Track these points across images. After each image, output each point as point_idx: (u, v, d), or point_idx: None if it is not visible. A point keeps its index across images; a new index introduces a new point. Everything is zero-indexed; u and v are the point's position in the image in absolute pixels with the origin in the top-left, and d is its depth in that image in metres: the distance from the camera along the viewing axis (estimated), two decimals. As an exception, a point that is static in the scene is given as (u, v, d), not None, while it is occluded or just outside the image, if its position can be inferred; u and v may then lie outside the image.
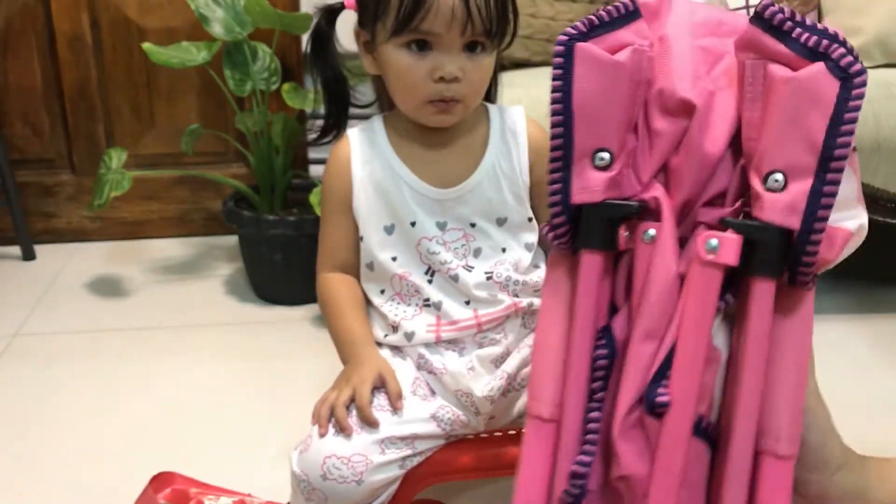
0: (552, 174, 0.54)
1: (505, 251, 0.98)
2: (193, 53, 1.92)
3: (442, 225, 0.96)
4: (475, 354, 0.96)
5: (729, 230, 0.51)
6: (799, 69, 0.50)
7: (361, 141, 0.98)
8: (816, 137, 0.49)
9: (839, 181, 0.49)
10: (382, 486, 0.88)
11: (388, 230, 0.97)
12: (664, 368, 0.51)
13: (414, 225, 0.96)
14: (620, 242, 0.54)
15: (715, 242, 0.50)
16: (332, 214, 1.00)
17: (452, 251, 0.96)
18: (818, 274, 0.53)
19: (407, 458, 0.90)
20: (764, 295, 0.51)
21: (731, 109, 0.53)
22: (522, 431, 0.97)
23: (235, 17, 1.87)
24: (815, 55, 0.49)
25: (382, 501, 0.90)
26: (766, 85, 0.51)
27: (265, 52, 1.95)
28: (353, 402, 0.90)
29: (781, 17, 0.50)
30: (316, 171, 2.23)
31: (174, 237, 2.40)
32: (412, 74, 0.89)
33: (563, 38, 0.53)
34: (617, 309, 0.55)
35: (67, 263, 2.24)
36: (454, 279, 0.96)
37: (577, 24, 0.54)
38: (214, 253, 2.30)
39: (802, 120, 0.49)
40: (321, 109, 1.05)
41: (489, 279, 0.96)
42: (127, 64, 2.25)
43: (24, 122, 2.27)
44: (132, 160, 2.15)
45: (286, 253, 1.92)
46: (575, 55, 0.53)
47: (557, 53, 0.53)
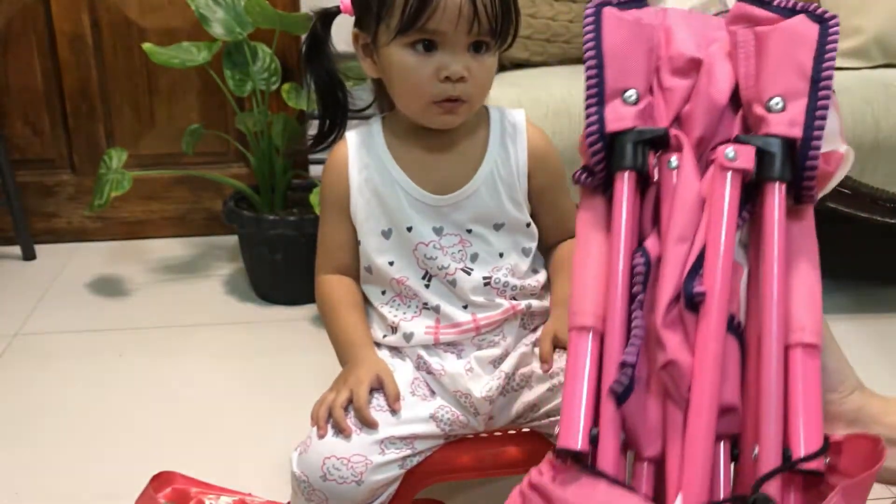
0: (588, 110, 0.63)
1: (502, 256, 0.98)
2: (194, 54, 1.92)
3: (438, 230, 0.96)
4: (473, 356, 0.96)
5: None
6: None
7: (359, 144, 0.98)
8: (805, 66, 0.60)
9: (829, 98, 0.59)
10: (382, 486, 0.89)
11: (385, 234, 0.97)
12: (697, 266, 0.59)
13: (410, 230, 0.95)
14: (649, 167, 0.63)
15: (733, 152, 0.59)
16: (330, 217, 1.00)
17: (450, 256, 0.96)
18: (817, 196, 0.62)
19: (406, 457, 0.90)
20: (777, 196, 0.60)
21: (728, 72, 0.64)
22: (522, 431, 0.98)
23: (236, 17, 1.87)
24: (793, 12, 0.62)
25: (382, 501, 0.90)
26: (756, 42, 0.62)
27: (265, 52, 1.96)
28: (350, 403, 0.90)
29: None
30: (316, 170, 2.23)
31: (174, 237, 2.40)
32: (417, 75, 0.88)
33: (590, 5, 0.63)
34: (644, 235, 0.63)
35: (68, 263, 2.24)
36: (452, 283, 0.96)
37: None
38: (215, 253, 2.31)
39: (792, 55, 0.60)
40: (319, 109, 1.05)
41: (487, 284, 0.96)
42: (127, 64, 2.25)
43: (24, 122, 2.27)
44: (132, 160, 2.15)
45: (286, 253, 1.93)
46: (603, 14, 0.63)
47: (588, 14, 0.63)
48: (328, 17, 1.00)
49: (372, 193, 0.96)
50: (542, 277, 1.01)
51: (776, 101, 0.60)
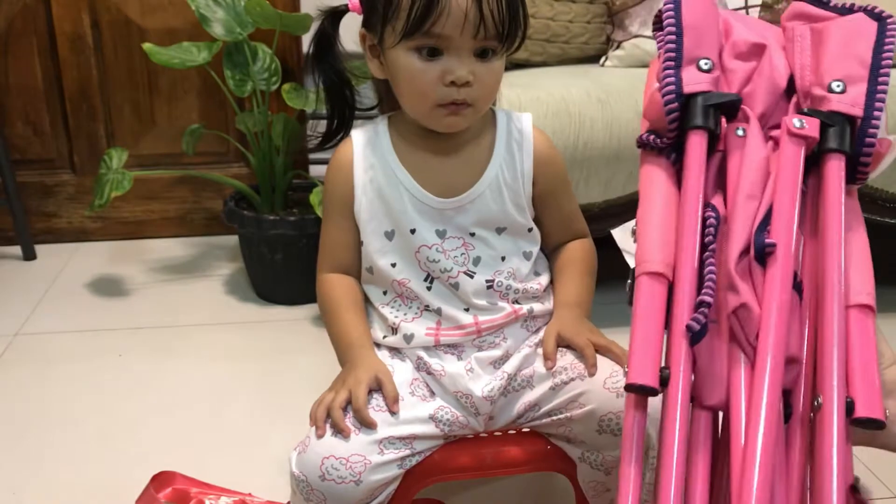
0: (665, 72, 0.67)
1: (504, 260, 0.98)
2: (194, 54, 1.92)
3: (441, 233, 0.96)
4: (474, 357, 0.96)
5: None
6: None
7: (364, 144, 0.97)
8: (865, 57, 0.65)
9: (886, 85, 0.65)
10: (381, 485, 0.89)
11: (388, 236, 0.96)
12: (765, 222, 0.63)
13: (413, 232, 0.95)
14: (724, 136, 0.67)
15: (799, 121, 0.64)
16: (333, 216, 1.00)
17: (452, 259, 0.96)
18: (868, 178, 0.68)
19: (405, 458, 0.90)
20: (838, 168, 0.64)
21: (784, 62, 0.69)
22: (522, 431, 0.98)
23: (236, 17, 1.87)
24: (850, 11, 0.68)
25: (381, 501, 0.90)
26: (813, 37, 0.68)
27: (265, 52, 1.96)
28: (349, 403, 0.90)
29: None
30: (316, 170, 2.23)
31: (175, 237, 2.40)
32: (423, 79, 0.88)
33: None
34: (708, 196, 0.67)
35: (68, 263, 2.24)
36: (454, 287, 0.96)
37: None
38: (215, 253, 2.31)
39: (852, 46, 0.66)
40: (321, 110, 1.05)
41: (489, 287, 0.96)
42: (128, 64, 2.25)
43: (24, 122, 2.27)
44: (133, 160, 2.15)
45: (286, 253, 1.93)
46: None
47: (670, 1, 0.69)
48: (336, 15, 0.99)
49: (376, 194, 0.96)
50: (544, 280, 1.01)
51: (837, 83, 0.65)
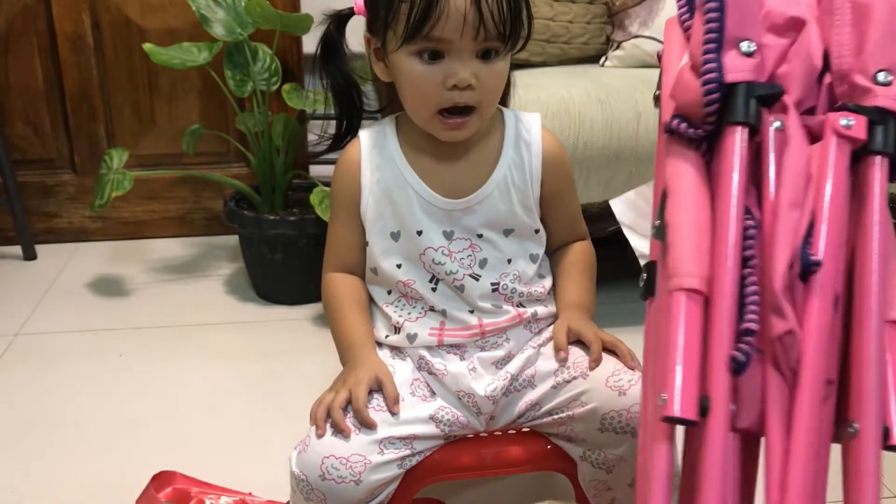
0: (706, 55, 0.60)
1: (511, 262, 0.97)
2: (194, 54, 1.92)
3: (449, 234, 0.96)
4: (476, 357, 0.96)
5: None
6: None
7: (372, 144, 0.97)
8: None
9: None
10: (381, 485, 0.89)
11: (394, 237, 0.96)
12: (808, 233, 0.58)
13: (420, 234, 0.95)
14: (761, 124, 0.61)
15: (847, 120, 0.59)
16: (339, 216, 0.99)
17: (458, 261, 0.95)
18: None
19: (405, 457, 0.90)
20: (883, 169, 0.60)
21: (818, 37, 0.63)
22: (523, 431, 0.98)
23: (236, 17, 1.88)
24: None
25: (381, 501, 0.90)
26: (854, 11, 0.62)
27: (266, 52, 1.96)
28: (349, 403, 0.90)
29: None
30: (316, 171, 2.23)
31: (175, 237, 2.40)
32: (424, 83, 0.87)
33: None
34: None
35: (68, 263, 2.24)
36: (460, 289, 0.96)
37: None
38: (215, 253, 2.31)
39: None
40: (321, 110, 1.04)
41: (495, 290, 0.96)
42: (128, 64, 2.25)
43: (25, 122, 2.27)
44: (133, 160, 2.15)
45: (287, 253, 1.93)
46: None
47: None
48: (342, 19, 0.99)
49: (383, 194, 0.96)
50: (547, 283, 1.01)
51: (884, 74, 0.60)
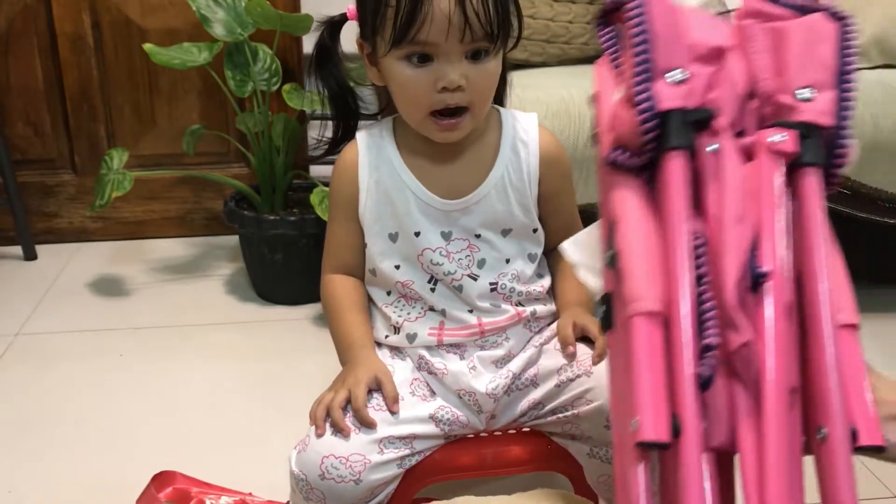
0: (638, 87, 0.62)
1: (509, 262, 0.97)
2: (194, 54, 1.93)
3: (447, 235, 0.96)
4: (476, 355, 0.96)
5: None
6: None
7: (369, 146, 0.97)
8: (829, 61, 0.62)
9: (853, 91, 0.62)
10: (381, 485, 0.89)
11: (392, 238, 0.96)
12: (755, 245, 0.60)
13: (418, 235, 0.95)
14: (698, 148, 0.63)
15: (779, 136, 0.61)
16: (338, 217, 0.99)
17: (456, 262, 0.96)
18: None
19: (405, 457, 0.90)
20: (818, 180, 0.62)
21: (741, 63, 0.65)
22: (523, 430, 0.98)
23: (236, 17, 1.88)
24: (806, 11, 0.65)
25: (380, 501, 0.90)
26: (770, 37, 0.65)
27: (266, 52, 1.96)
28: (349, 403, 0.90)
29: None
30: (316, 171, 2.23)
31: (175, 237, 2.40)
32: (415, 86, 0.88)
33: None
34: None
35: (69, 263, 2.25)
36: (458, 289, 0.96)
37: None
38: (215, 253, 2.31)
39: (815, 50, 0.63)
40: (320, 110, 1.05)
41: (493, 290, 0.96)
42: (128, 64, 2.25)
43: (25, 122, 2.28)
44: (133, 160, 2.15)
45: (287, 253, 1.93)
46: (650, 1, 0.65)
47: (636, 5, 0.64)
48: (335, 25, 0.99)
49: (381, 195, 0.96)
50: (546, 283, 1.01)
51: (806, 91, 0.62)
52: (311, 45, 1.03)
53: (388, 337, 0.98)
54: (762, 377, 0.57)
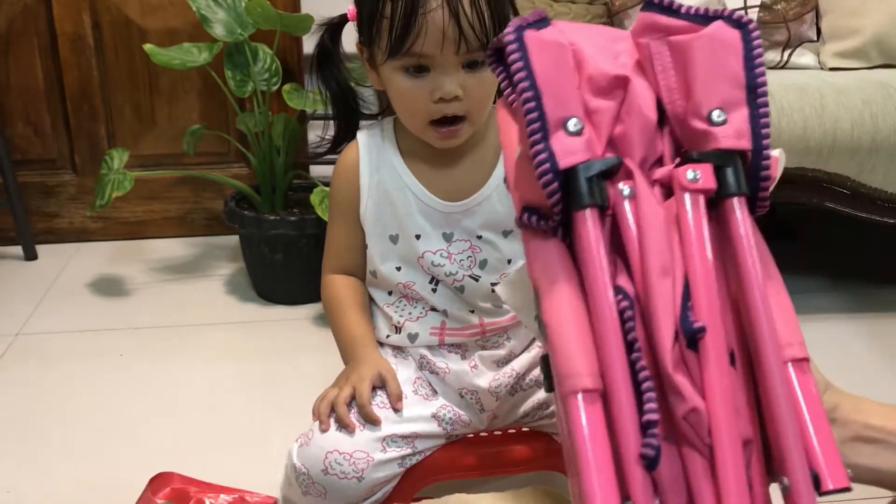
0: (535, 147, 0.57)
1: (510, 262, 0.98)
2: (194, 54, 1.93)
3: (448, 237, 0.96)
4: (478, 355, 0.96)
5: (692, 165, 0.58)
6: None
7: (370, 147, 0.97)
8: (737, 74, 0.57)
9: (767, 105, 0.57)
10: (381, 483, 0.89)
11: (392, 239, 0.96)
12: (686, 298, 0.55)
13: (419, 238, 0.95)
14: (610, 198, 0.58)
15: (693, 173, 0.56)
16: (338, 218, 1.00)
17: (458, 263, 0.96)
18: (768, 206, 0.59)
19: (406, 456, 0.91)
20: (742, 209, 0.57)
21: (646, 87, 0.60)
22: (524, 430, 0.99)
23: (236, 18, 1.88)
24: (707, 20, 0.59)
25: (377, 499, 0.91)
26: (673, 53, 0.60)
27: (266, 52, 1.96)
28: (353, 399, 0.90)
29: None
30: (316, 171, 2.23)
31: (175, 237, 2.40)
32: (412, 97, 0.88)
33: (510, 30, 0.58)
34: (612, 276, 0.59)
35: (69, 263, 2.25)
36: (460, 290, 0.96)
37: (515, 21, 0.59)
38: (215, 253, 2.31)
39: (721, 64, 0.58)
40: (321, 110, 1.05)
41: (495, 291, 0.96)
42: (128, 64, 2.25)
43: (25, 122, 2.28)
44: (133, 160, 2.15)
45: (287, 253, 1.93)
46: (526, 39, 0.58)
47: (510, 41, 0.58)
48: (336, 27, 0.99)
49: (382, 197, 0.96)
50: None
51: (717, 113, 0.57)
52: (311, 45, 1.03)
53: (389, 336, 0.99)
54: (714, 438, 0.54)
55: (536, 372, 0.97)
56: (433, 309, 0.97)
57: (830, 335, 1.79)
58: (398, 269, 0.97)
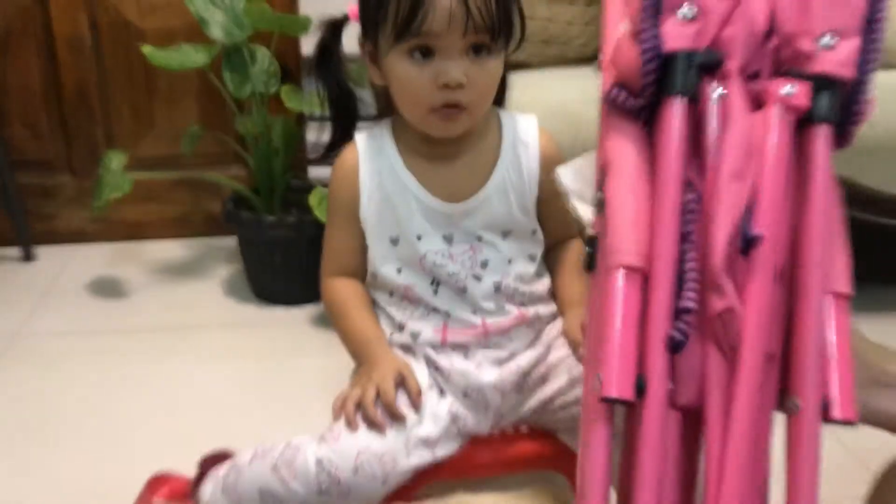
0: (643, 24, 0.57)
1: (510, 263, 0.98)
2: (193, 56, 1.92)
3: (449, 238, 0.96)
4: (481, 353, 0.96)
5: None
6: None
7: (369, 149, 0.97)
8: (859, 4, 0.57)
9: (880, 40, 0.57)
10: (396, 486, 0.89)
11: (393, 241, 0.96)
12: (751, 206, 0.56)
13: (420, 239, 0.95)
14: (701, 94, 0.58)
15: (790, 87, 0.57)
16: (338, 221, 0.99)
17: (459, 263, 0.96)
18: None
19: (427, 464, 0.91)
20: (827, 140, 0.57)
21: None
22: (526, 431, 0.98)
23: (234, 19, 1.88)
24: None
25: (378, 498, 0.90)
26: None
27: (264, 54, 1.96)
28: (377, 398, 0.90)
29: None
30: (315, 172, 2.23)
31: (174, 239, 2.40)
32: (416, 83, 0.88)
33: None
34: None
35: (67, 265, 2.24)
36: (462, 290, 0.96)
37: None
38: (214, 254, 2.31)
39: None
40: (318, 112, 1.05)
41: (497, 290, 0.96)
42: (126, 66, 2.25)
43: (23, 123, 2.27)
44: (132, 162, 2.14)
45: (285, 254, 1.93)
46: None
47: None
48: (337, 25, 1.00)
49: (383, 198, 0.96)
50: (546, 282, 1.02)
51: (828, 38, 0.57)
52: (309, 46, 1.03)
53: (392, 335, 0.98)
54: (740, 343, 0.56)
55: (540, 369, 0.97)
56: (434, 310, 0.97)
57: (829, 335, 1.78)
58: (398, 271, 0.96)
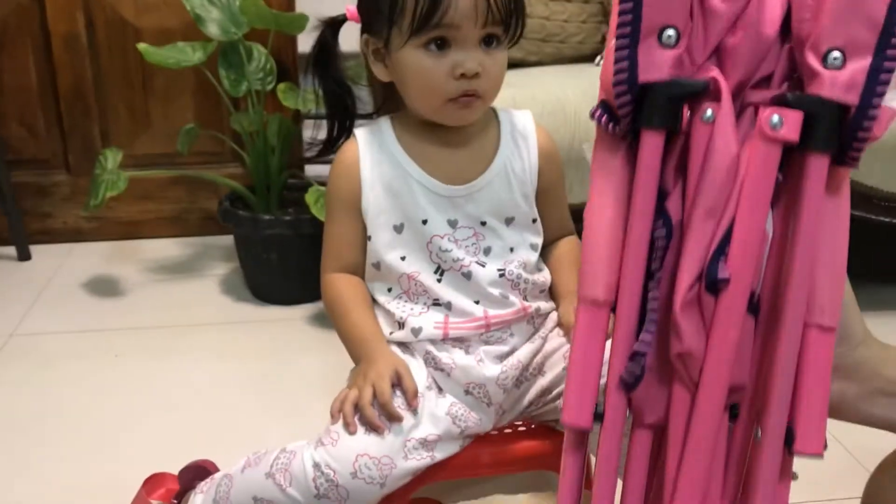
0: (619, 51, 0.52)
1: (513, 251, 0.98)
2: (189, 54, 1.92)
3: (453, 223, 0.96)
4: (482, 349, 0.96)
5: (784, 107, 0.52)
6: None
7: (369, 142, 0.98)
8: (878, 15, 0.49)
9: (895, 60, 0.50)
10: (394, 490, 0.89)
11: (397, 229, 0.96)
12: (723, 245, 0.53)
13: (426, 223, 0.95)
14: (683, 123, 0.54)
15: (777, 119, 0.51)
16: (338, 215, 0.99)
17: (464, 248, 0.96)
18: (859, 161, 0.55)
19: (426, 467, 0.90)
20: (819, 170, 0.53)
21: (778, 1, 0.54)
22: (523, 429, 0.98)
23: (231, 17, 1.87)
24: None
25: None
26: None
27: (260, 52, 1.96)
28: (374, 399, 0.89)
29: None
30: (312, 170, 2.23)
31: (170, 237, 2.40)
32: (433, 75, 0.89)
33: None
34: (666, 192, 0.56)
35: (63, 264, 2.24)
36: (467, 276, 0.96)
37: None
38: (210, 253, 2.31)
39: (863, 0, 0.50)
40: (315, 110, 1.05)
41: (501, 276, 0.97)
42: (122, 64, 2.25)
43: (19, 122, 2.27)
44: (128, 160, 2.14)
45: (282, 252, 1.92)
46: None
47: None
48: (336, 25, 1.00)
49: (384, 188, 0.96)
50: (547, 276, 1.02)
51: (835, 55, 0.50)
52: (305, 44, 1.03)
53: (392, 333, 0.98)
54: (702, 377, 0.54)
55: (537, 360, 0.98)
56: (436, 303, 0.96)
57: (827, 334, 1.78)
58: (403, 258, 0.96)
